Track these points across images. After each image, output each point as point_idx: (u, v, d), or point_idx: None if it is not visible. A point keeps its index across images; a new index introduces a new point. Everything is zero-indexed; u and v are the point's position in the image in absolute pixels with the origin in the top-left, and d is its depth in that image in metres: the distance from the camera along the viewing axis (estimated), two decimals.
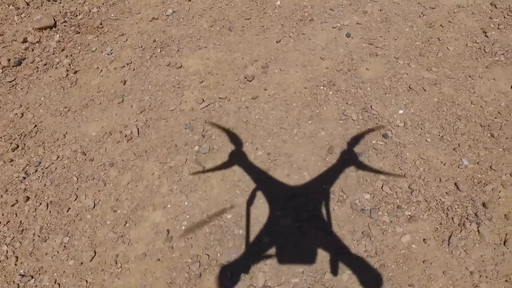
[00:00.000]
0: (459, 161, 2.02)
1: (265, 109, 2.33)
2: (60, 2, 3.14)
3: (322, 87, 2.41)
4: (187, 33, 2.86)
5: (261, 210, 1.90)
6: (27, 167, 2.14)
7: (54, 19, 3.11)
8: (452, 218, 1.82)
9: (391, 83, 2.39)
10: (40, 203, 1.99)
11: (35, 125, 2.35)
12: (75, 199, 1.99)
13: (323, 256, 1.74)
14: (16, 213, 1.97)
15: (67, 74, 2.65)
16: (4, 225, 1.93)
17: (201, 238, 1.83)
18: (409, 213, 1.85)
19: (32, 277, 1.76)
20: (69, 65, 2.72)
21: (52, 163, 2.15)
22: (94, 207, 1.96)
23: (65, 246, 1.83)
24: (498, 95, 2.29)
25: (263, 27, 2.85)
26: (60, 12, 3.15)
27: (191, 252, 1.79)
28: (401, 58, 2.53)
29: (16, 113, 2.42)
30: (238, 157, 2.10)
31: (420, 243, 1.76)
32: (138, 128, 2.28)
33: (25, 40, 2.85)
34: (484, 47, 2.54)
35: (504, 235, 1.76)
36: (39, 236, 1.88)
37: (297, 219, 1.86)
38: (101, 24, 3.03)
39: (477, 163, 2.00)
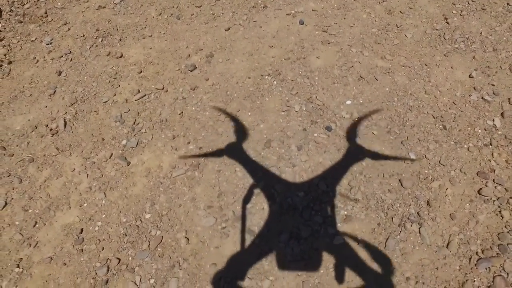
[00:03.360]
0: (406, 155, 1.84)
1: (203, 100, 2.16)
2: None
3: (266, 77, 2.23)
4: (133, 22, 2.69)
5: (183, 209, 1.73)
6: None
7: (0, 9, 2.94)
8: (392, 218, 1.65)
9: (341, 72, 2.22)
10: None
11: None
12: None
13: (242, 259, 1.57)
14: None
15: (1, 65, 2.48)
16: None
17: (114, 240, 1.65)
18: (345, 212, 1.68)
19: None
20: (5, 55, 2.54)
21: None
22: (4, 206, 1.79)
23: None
24: (454, 84, 2.11)
25: (213, 14, 2.68)
26: (7, 1, 2.98)
27: (101, 256, 1.61)
28: (354, 46, 2.36)
29: None
30: (167, 152, 1.93)
31: (352, 245, 1.59)
32: (65, 121, 2.11)
33: None
34: (444, 34, 2.36)
35: (448, 237, 1.59)
36: None
37: (221, 220, 1.68)
38: (45, 13, 2.86)
39: (425, 157, 1.83)
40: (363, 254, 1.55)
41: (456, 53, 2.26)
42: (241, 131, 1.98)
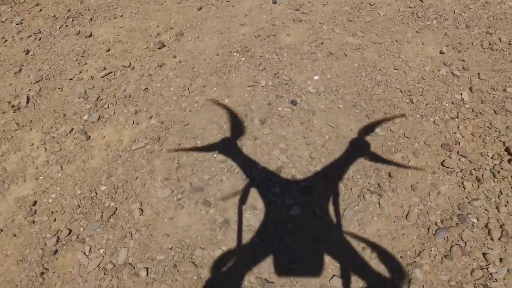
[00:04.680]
0: (371, 128, 1.80)
1: (169, 77, 2.12)
2: None
3: (235, 54, 2.20)
4: (105, 3, 2.65)
5: (140, 181, 1.69)
6: None
7: None
8: (351, 189, 1.60)
9: (311, 48, 2.18)
10: None
11: None
12: None
13: (196, 230, 1.53)
14: None
15: None
16: None
17: (67, 211, 1.61)
18: (304, 183, 1.63)
19: None
20: None
21: None
22: None
23: None
24: (424, 60, 2.07)
25: None
26: None
27: (52, 227, 1.57)
28: (326, 24, 2.32)
29: None
30: (129, 126, 1.89)
31: (310, 216, 1.54)
32: (28, 98, 2.07)
33: None
34: (417, 11, 2.33)
35: (408, 207, 1.54)
36: None
37: (178, 191, 1.64)
38: None
39: (390, 130, 1.79)
40: (319, 224, 1.51)
41: (428, 30, 2.23)
42: (204, 107, 1.95)
